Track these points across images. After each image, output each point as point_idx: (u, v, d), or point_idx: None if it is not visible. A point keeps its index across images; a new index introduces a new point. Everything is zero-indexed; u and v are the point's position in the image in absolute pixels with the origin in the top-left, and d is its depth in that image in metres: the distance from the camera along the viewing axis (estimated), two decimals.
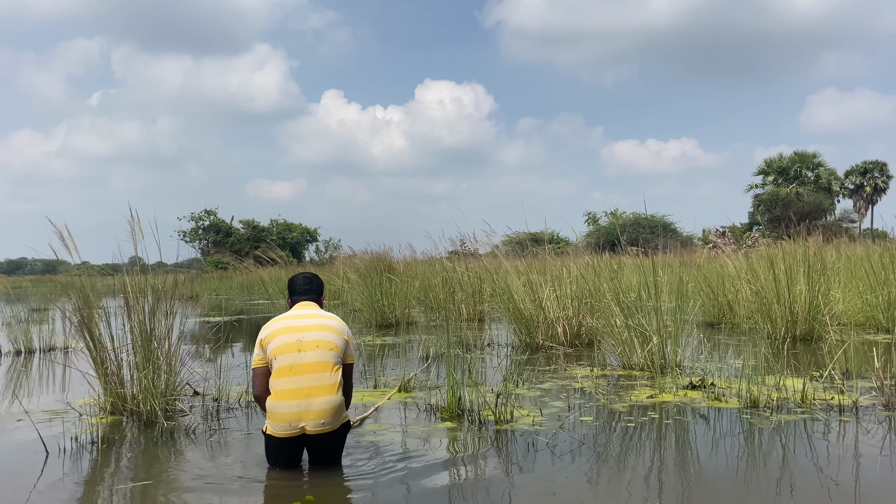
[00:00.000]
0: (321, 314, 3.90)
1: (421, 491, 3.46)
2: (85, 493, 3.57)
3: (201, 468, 3.92)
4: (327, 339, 3.71)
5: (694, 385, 5.65)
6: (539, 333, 8.43)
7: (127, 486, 3.65)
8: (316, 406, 3.56)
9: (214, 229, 48.01)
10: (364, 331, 10.95)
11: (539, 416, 4.92)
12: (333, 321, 3.86)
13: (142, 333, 5.13)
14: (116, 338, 5.27)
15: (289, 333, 3.70)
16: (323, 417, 3.57)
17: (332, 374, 3.63)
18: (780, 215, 34.90)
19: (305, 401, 3.55)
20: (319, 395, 3.57)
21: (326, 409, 3.58)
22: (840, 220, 40.77)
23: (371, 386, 6.13)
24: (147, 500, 3.43)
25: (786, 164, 42.57)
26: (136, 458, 4.17)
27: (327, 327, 3.78)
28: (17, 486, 3.64)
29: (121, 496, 3.50)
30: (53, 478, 3.78)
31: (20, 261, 54.77)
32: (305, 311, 3.92)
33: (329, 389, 3.60)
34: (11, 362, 8.58)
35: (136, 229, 5.41)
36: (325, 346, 3.68)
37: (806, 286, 8.18)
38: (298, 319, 3.82)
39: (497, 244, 12.13)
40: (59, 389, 6.59)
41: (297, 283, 4.12)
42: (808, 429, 4.45)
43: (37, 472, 3.89)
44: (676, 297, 6.63)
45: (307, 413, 3.55)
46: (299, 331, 3.71)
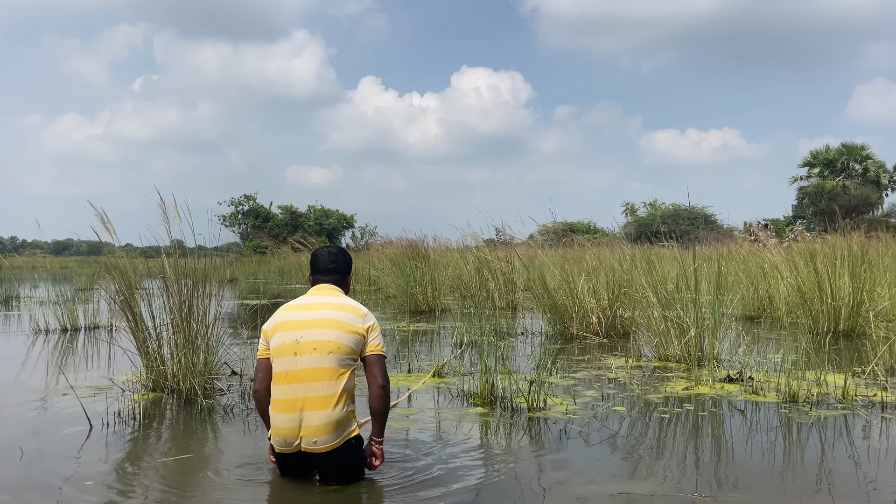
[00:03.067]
0: (329, 303, 3.28)
1: (451, 476, 3.48)
2: (125, 463, 3.68)
3: (237, 444, 4.02)
4: (326, 340, 3.12)
5: (731, 378, 5.57)
6: (573, 323, 8.38)
7: (166, 459, 3.74)
8: (307, 421, 3.04)
9: (254, 214, 48.73)
10: (398, 317, 11.02)
11: (573, 404, 4.90)
12: (341, 312, 3.22)
13: (181, 314, 5.25)
14: (157, 317, 5.41)
15: (288, 331, 3.17)
16: (316, 435, 3.04)
17: (329, 383, 3.06)
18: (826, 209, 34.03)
19: (299, 414, 3.05)
20: (313, 409, 3.05)
21: (320, 426, 3.03)
22: (888, 214, 39.55)
23: (405, 371, 6.18)
24: (185, 473, 3.52)
25: (832, 156, 41.41)
26: (175, 433, 4.28)
27: (330, 322, 3.17)
28: (61, 457, 3.76)
29: (160, 468, 3.59)
30: (96, 449, 3.90)
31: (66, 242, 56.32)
32: (314, 300, 3.33)
33: (325, 402, 3.05)
34: (58, 339, 8.85)
35: (176, 213, 5.52)
36: (323, 349, 3.10)
37: (850, 281, 7.97)
38: (302, 311, 3.26)
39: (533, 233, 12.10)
40: (103, 366, 6.78)
41: (321, 260, 3.51)
42: (848, 425, 4.36)
43: (80, 443, 4.01)
44: (714, 289, 6.53)
45: (300, 429, 3.06)
46: (299, 328, 3.17)
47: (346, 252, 3.59)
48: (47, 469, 3.57)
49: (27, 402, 5.15)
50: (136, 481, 3.40)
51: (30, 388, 5.60)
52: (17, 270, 15.18)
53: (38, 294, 14.54)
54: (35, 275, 14.25)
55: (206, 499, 3.17)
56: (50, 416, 4.79)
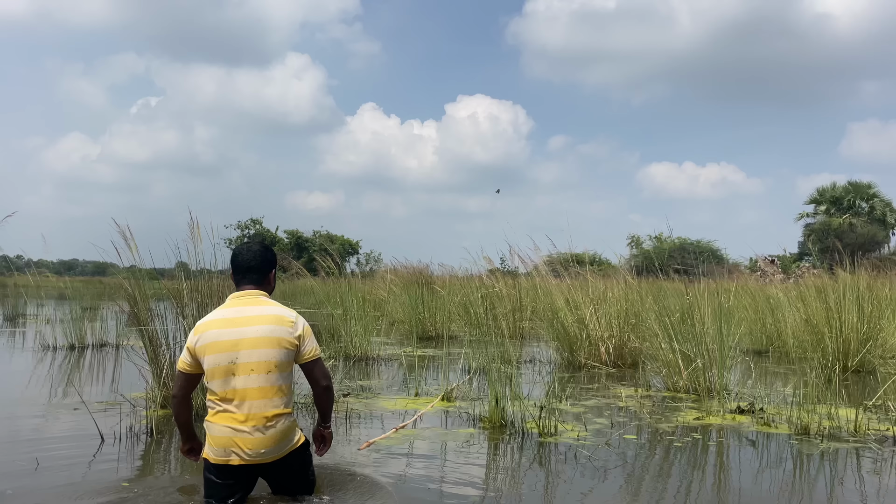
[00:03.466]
0: (258, 316, 3.12)
1: (460, 499, 3.47)
2: (136, 476, 3.69)
3: None
4: (262, 360, 3.04)
5: (742, 409, 5.55)
6: (582, 352, 8.37)
7: (176, 472, 3.75)
8: (256, 435, 3.00)
9: (259, 238, 48.90)
10: (404, 342, 11.02)
11: (583, 431, 4.89)
12: (272, 326, 3.09)
13: None
14: (169, 335, 5.44)
15: (222, 353, 3.03)
16: (262, 447, 3.01)
17: (268, 400, 3.03)
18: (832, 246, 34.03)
19: (243, 426, 2.99)
20: (253, 423, 3.00)
21: (265, 439, 3.01)
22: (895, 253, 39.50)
23: (413, 394, 6.18)
24: (195, 487, 3.53)
25: (839, 194, 41.50)
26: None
27: (263, 341, 3.06)
28: (72, 470, 3.77)
29: (169, 482, 3.60)
30: (107, 463, 3.91)
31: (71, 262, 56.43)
32: (242, 312, 3.14)
33: (269, 419, 3.02)
34: (66, 356, 8.88)
35: (195, 234, 5.60)
36: (260, 369, 3.03)
37: (858, 317, 7.97)
38: (233, 329, 3.08)
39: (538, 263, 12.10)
40: (112, 382, 6.80)
41: (241, 258, 3.28)
42: (859, 458, 4.34)
43: (91, 456, 4.02)
44: (719, 322, 6.54)
45: (244, 441, 3.00)
46: (232, 348, 3.03)
47: (268, 248, 3.41)
48: (61, 480, 3.57)
49: (38, 416, 5.17)
50: (148, 494, 3.41)
51: (39, 403, 5.62)
52: (24, 289, 15.22)
53: (45, 312, 14.58)
54: (41, 293, 14.26)
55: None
56: (61, 429, 4.80)
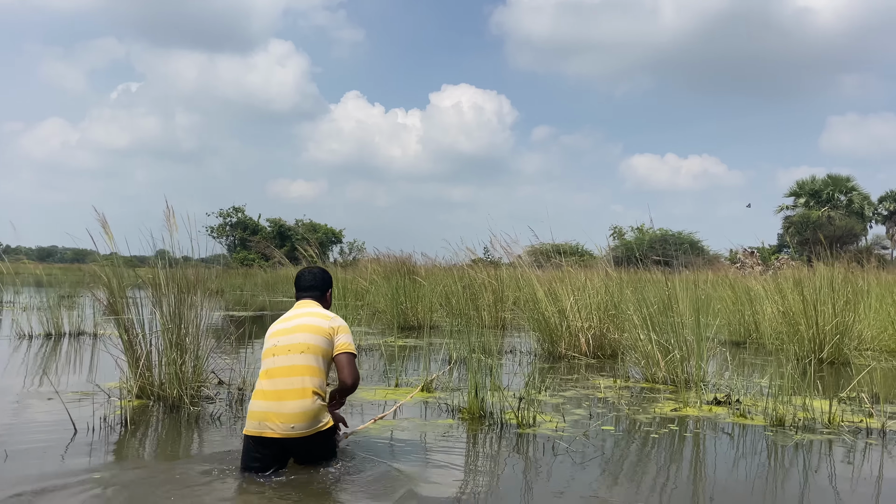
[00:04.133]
0: (305, 313, 3.75)
1: (437, 488, 3.47)
2: (108, 467, 3.65)
3: (222, 451, 3.99)
4: (300, 342, 3.57)
5: (719, 401, 5.60)
6: (562, 343, 8.40)
7: (150, 463, 3.71)
8: (287, 409, 3.42)
9: (242, 226, 48.53)
10: (386, 332, 10.99)
11: (562, 422, 4.91)
12: (311, 318, 3.69)
13: (171, 321, 5.23)
14: (146, 325, 5.37)
15: (270, 338, 3.67)
16: (293, 421, 3.41)
17: (306, 377, 3.49)
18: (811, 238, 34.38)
19: (277, 403, 3.44)
20: (291, 399, 3.44)
21: (297, 414, 3.42)
22: (872, 245, 40.05)
23: (393, 385, 6.16)
24: (169, 477, 3.49)
25: (818, 187, 41.98)
26: (160, 439, 4.25)
27: (301, 327, 3.64)
28: (44, 460, 3.72)
29: (143, 472, 3.56)
30: (80, 453, 3.87)
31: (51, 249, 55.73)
32: (295, 312, 3.80)
33: (303, 393, 3.45)
34: (42, 344, 8.76)
35: (171, 222, 5.51)
36: (297, 349, 3.55)
37: (833, 308, 8.06)
38: (285, 322, 3.73)
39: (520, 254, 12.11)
40: (88, 372, 6.72)
41: (301, 280, 4.01)
42: (833, 450, 4.39)
43: (64, 447, 3.97)
44: (697, 313, 6.58)
45: (278, 416, 3.41)
46: (279, 335, 3.65)
47: (325, 271, 4.06)
48: (32, 470, 3.52)
49: (11, 406, 5.10)
50: (119, 484, 3.37)
51: (13, 393, 5.54)
52: (2, 276, 15.00)
53: (22, 300, 14.37)
54: (17, 280, 14.05)
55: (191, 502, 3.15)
56: (34, 419, 4.73)
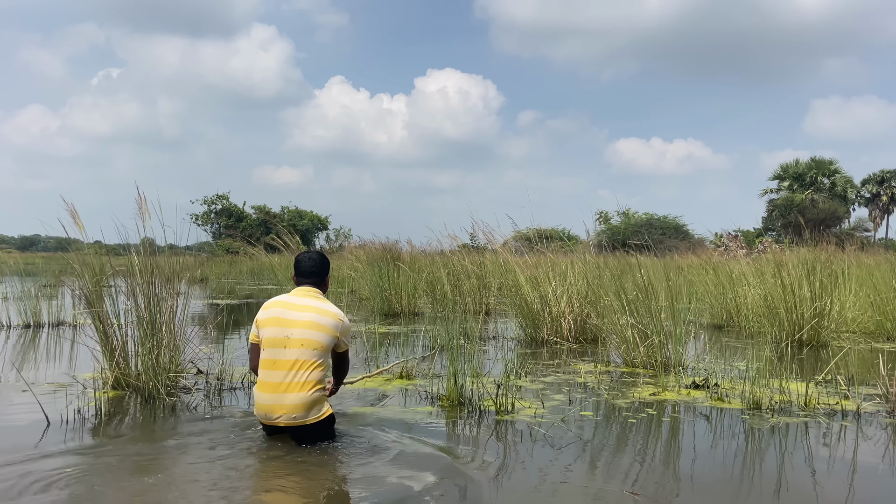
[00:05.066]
0: (315, 307, 3.89)
1: (413, 474, 3.46)
2: (80, 460, 3.61)
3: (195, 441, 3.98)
4: (313, 339, 3.77)
5: (697, 385, 5.63)
6: (544, 328, 8.42)
7: (123, 455, 3.68)
8: (289, 401, 3.69)
9: (227, 213, 48.18)
10: (369, 319, 10.97)
11: (541, 408, 4.91)
12: (327, 318, 3.86)
13: (147, 311, 5.17)
14: (122, 315, 5.31)
15: (278, 327, 3.79)
16: (295, 412, 3.70)
17: (309, 371, 3.72)
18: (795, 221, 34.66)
19: (281, 395, 3.69)
20: (294, 392, 3.68)
21: (300, 404, 3.70)
22: (854, 228, 40.41)
23: (373, 371, 6.15)
24: (142, 469, 3.46)
25: (802, 170, 42.25)
26: (134, 430, 4.21)
27: (317, 325, 3.81)
28: (16, 452, 3.67)
29: (116, 464, 3.53)
30: (52, 446, 3.82)
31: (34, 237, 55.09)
32: (301, 301, 3.92)
33: (304, 386, 3.70)
34: (20, 335, 8.67)
35: (146, 210, 5.43)
36: (309, 345, 3.75)
37: (810, 292, 8.12)
38: (291, 311, 3.85)
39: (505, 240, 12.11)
40: (66, 363, 6.65)
41: (303, 265, 4.09)
42: (808, 432, 4.43)
43: (36, 439, 3.93)
44: (673, 297, 6.61)
45: (281, 407, 3.70)
46: (288, 325, 3.78)
47: (324, 257, 4.16)
48: (1, 462, 3.48)
49: None
50: (91, 476, 3.34)
51: None
52: None
53: (1, 290, 14.23)
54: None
55: (165, 492, 3.12)
56: (7, 411, 4.68)
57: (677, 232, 35.29)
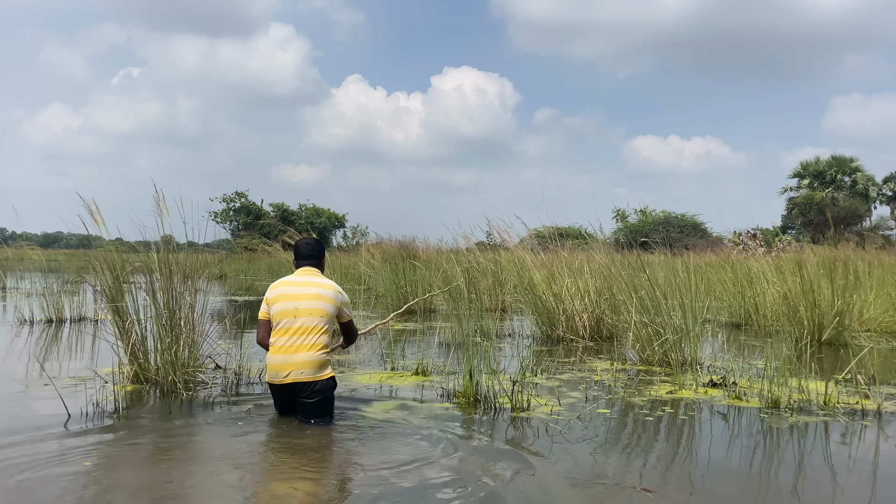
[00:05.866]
0: (317, 283, 4.43)
1: (427, 473, 3.47)
2: (98, 452, 3.66)
3: (213, 434, 4.03)
4: (319, 308, 4.30)
5: (715, 383, 5.59)
6: (560, 326, 8.39)
7: (139, 446, 3.72)
8: (298, 359, 4.18)
9: (245, 211, 48.45)
10: (385, 315, 10.98)
11: (557, 405, 4.90)
12: (328, 290, 4.40)
13: (166, 307, 5.22)
14: (142, 310, 5.38)
15: (287, 301, 4.31)
16: (302, 368, 4.17)
17: (317, 335, 4.24)
18: (815, 220, 34.25)
19: (291, 355, 4.18)
20: (303, 351, 4.20)
21: (307, 362, 4.19)
22: (876, 226, 39.82)
23: (389, 368, 6.17)
24: (158, 461, 3.50)
25: (822, 168, 41.66)
26: (151, 424, 4.26)
27: (322, 297, 4.35)
28: (36, 445, 3.73)
29: (132, 455, 3.58)
30: (71, 439, 3.87)
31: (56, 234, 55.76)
32: (304, 279, 4.46)
33: (312, 347, 4.21)
34: (42, 330, 8.79)
35: (164, 208, 5.48)
36: (316, 314, 4.28)
37: (831, 290, 8.03)
38: (296, 287, 4.40)
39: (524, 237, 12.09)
40: (87, 357, 6.73)
41: (301, 249, 4.64)
42: (828, 432, 4.38)
43: (57, 432, 3.98)
44: (691, 295, 6.56)
45: (290, 365, 4.17)
46: (296, 299, 4.31)
47: (319, 241, 4.76)
48: (21, 454, 3.53)
49: (6, 391, 5.11)
50: (108, 469, 3.38)
51: (11, 379, 5.56)
52: (5, 262, 15.04)
53: (25, 285, 14.43)
54: (21, 266, 14.10)
55: (180, 484, 3.16)
56: (29, 404, 4.75)
57: (695, 230, 34.97)
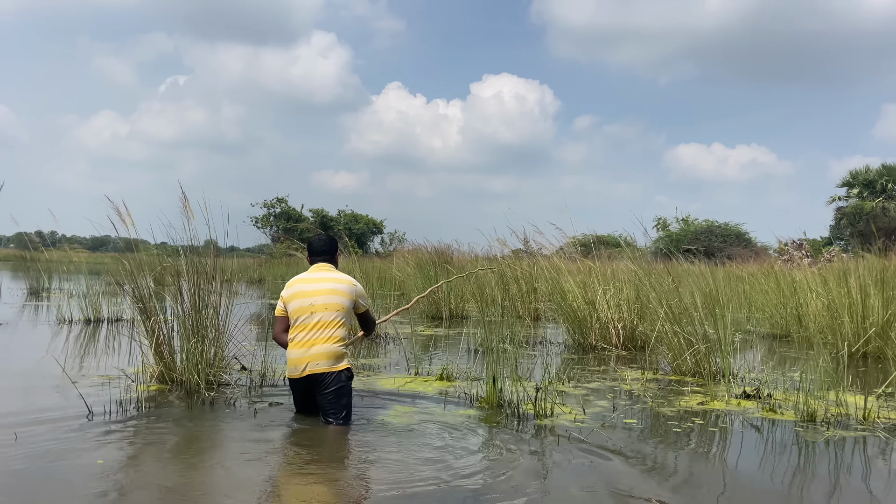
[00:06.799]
0: (331, 278, 4.50)
1: (443, 476, 3.40)
2: (115, 449, 3.69)
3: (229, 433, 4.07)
4: (335, 302, 4.37)
5: (748, 395, 5.39)
6: (592, 334, 8.24)
7: (153, 444, 3.74)
8: (314, 351, 4.26)
9: (285, 217, 49.08)
10: (415, 321, 10.96)
11: (581, 414, 4.78)
12: (343, 284, 4.48)
13: (193, 308, 5.27)
14: (168, 311, 5.44)
15: (303, 298, 4.38)
16: (319, 360, 4.25)
17: (334, 329, 4.31)
18: (864, 230, 33.16)
19: (308, 349, 4.27)
20: (320, 344, 4.27)
21: (323, 353, 4.26)
22: None
23: (413, 374, 6.12)
24: (170, 458, 3.51)
25: (872, 177, 40.33)
26: (171, 423, 4.28)
27: (336, 291, 4.42)
28: (56, 442, 3.77)
29: (145, 453, 3.59)
30: (90, 436, 3.90)
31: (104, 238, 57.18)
32: (318, 275, 4.53)
33: (328, 340, 4.29)
34: (81, 329, 8.98)
35: (189, 212, 5.55)
36: (332, 308, 4.36)
37: (879, 301, 7.71)
38: (311, 284, 4.46)
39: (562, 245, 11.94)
40: (118, 356, 6.85)
41: (314, 246, 4.72)
42: (866, 447, 4.17)
43: (77, 430, 4.02)
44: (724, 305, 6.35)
45: (307, 357, 4.25)
46: (311, 295, 4.38)
47: (332, 237, 4.80)
48: (40, 451, 3.57)
49: (37, 388, 5.22)
50: (120, 466, 3.39)
51: (41, 376, 5.65)
52: (54, 264, 15.47)
53: (68, 287, 14.81)
54: (64, 268, 14.48)
55: (190, 482, 3.15)
56: (53, 401, 4.80)
57: (739, 240, 34.22)
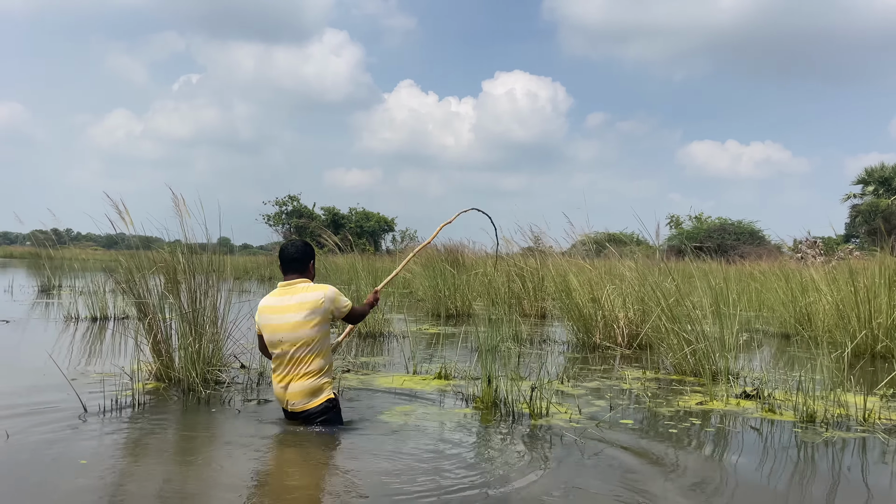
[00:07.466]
0: (297, 304, 4.04)
1: (435, 476, 3.38)
2: (105, 446, 3.71)
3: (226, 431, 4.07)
4: (301, 338, 4.01)
5: (748, 394, 5.33)
6: (596, 333, 8.18)
7: (147, 442, 3.74)
8: (291, 389, 4.06)
9: (297, 214, 49.19)
10: (421, 319, 10.95)
11: (577, 413, 4.74)
12: (307, 309, 4.02)
13: (190, 305, 5.28)
14: (165, 309, 5.45)
15: (271, 332, 4.08)
16: (295, 399, 4.07)
17: (307, 365, 4.04)
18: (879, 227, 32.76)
19: (286, 386, 4.07)
20: (295, 381, 4.05)
21: (298, 392, 4.06)
22: None
23: (411, 372, 6.10)
24: (164, 455, 3.51)
25: (888, 174, 39.83)
26: (166, 421, 4.29)
27: (301, 324, 4.01)
28: (47, 439, 3.79)
29: (138, 451, 3.59)
30: (85, 433, 3.93)
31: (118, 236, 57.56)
32: (283, 301, 4.09)
33: (303, 377, 4.04)
34: (87, 327, 9.04)
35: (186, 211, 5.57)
36: (300, 344, 4.02)
37: (888, 300, 7.59)
38: (276, 314, 4.07)
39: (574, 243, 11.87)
40: (119, 354, 6.88)
41: (285, 253, 4.25)
42: (865, 448, 4.11)
43: (71, 427, 4.04)
44: (725, 304, 6.29)
45: (286, 395, 4.08)
46: (277, 331, 4.05)
47: (307, 244, 4.28)
48: (31, 448, 3.59)
49: (36, 385, 5.24)
50: (116, 462, 3.40)
51: (42, 374, 5.68)
52: (68, 261, 15.57)
53: (79, 284, 14.93)
54: (75, 265, 14.58)
55: (189, 477, 3.15)
56: (48, 398, 4.81)
57: (752, 237, 33.93)
